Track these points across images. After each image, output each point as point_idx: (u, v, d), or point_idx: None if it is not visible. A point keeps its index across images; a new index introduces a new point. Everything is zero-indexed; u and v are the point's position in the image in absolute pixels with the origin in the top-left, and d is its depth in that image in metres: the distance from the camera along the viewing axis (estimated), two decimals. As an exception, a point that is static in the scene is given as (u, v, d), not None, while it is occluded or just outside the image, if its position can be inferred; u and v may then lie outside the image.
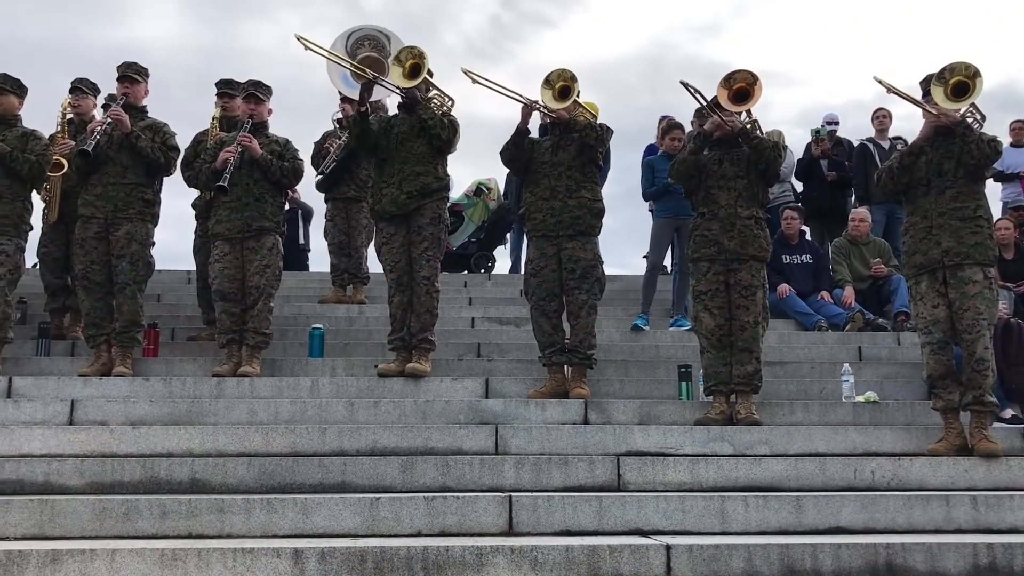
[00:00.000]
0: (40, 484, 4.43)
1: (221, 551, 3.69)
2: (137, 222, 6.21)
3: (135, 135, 6.18)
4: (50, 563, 3.59)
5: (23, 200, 6.16)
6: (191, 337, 7.20)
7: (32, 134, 6.23)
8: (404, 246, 5.95)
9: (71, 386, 5.69)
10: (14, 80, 6.31)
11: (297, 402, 5.46)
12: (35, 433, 4.88)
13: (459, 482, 4.60)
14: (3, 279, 5.95)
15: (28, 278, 7.86)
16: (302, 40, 6.20)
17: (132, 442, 4.88)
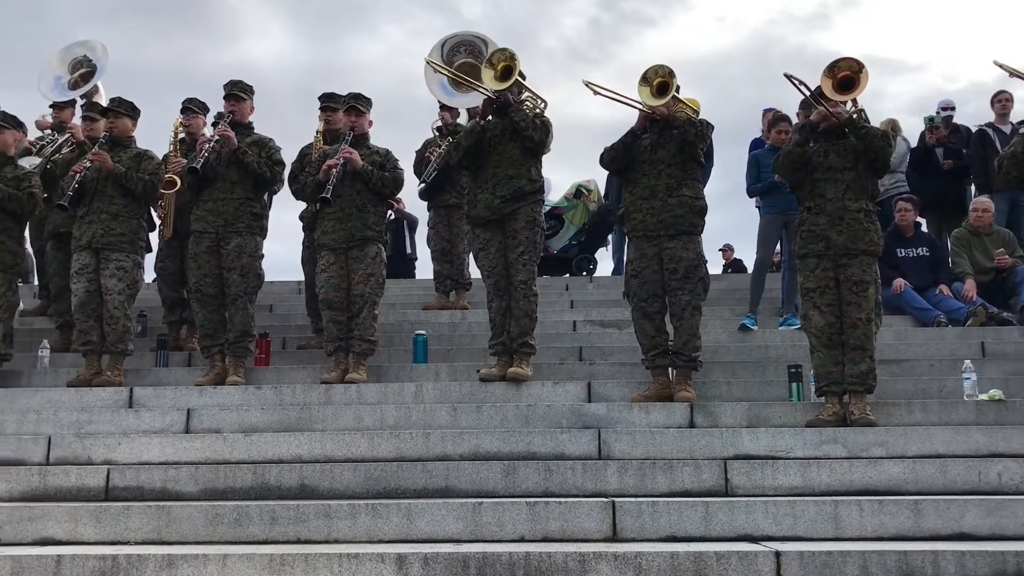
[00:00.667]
0: (158, 491, 4.60)
1: (327, 556, 3.74)
2: (246, 235, 6.40)
3: (242, 151, 6.37)
4: (167, 567, 3.72)
5: (139, 218, 6.46)
6: (301, 346, 7.38)
7: (145, 154, 6.52)
8: (500, 251, 5.95)
9: (188, 395, 5.89)
10: (128, 103, 6.61)
11: (402, 407, 5.52)
12: (154, 441, 5.07)
13: (562, 487, 4.56)
14: (122, 294, 6.24)
15: (147, 292, 8.23)
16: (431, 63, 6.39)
17: (244, 449, 5.02)
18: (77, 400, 5.88)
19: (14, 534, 4.18)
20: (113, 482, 4.64)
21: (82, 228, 6.32)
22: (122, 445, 5.04)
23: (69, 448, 5.05)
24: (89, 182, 6.33)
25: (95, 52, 8.07)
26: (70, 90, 7.99)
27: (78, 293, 6.26)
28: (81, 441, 5.08)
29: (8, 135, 6.68)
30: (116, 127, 6.53)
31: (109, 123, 6.57)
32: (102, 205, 6.31)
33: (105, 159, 6.29)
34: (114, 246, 6.27)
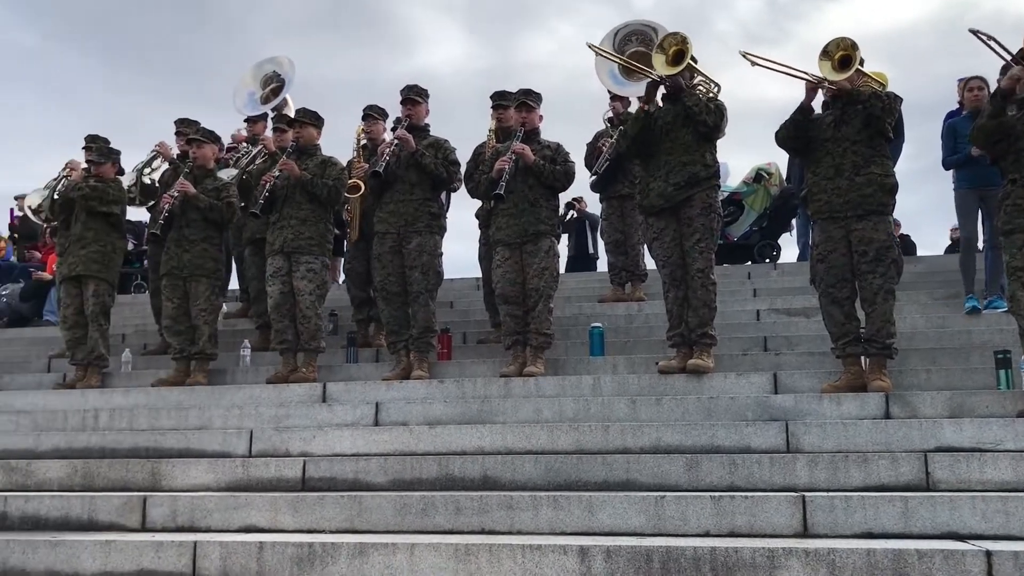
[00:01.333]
0: (350, 481, 4.80)
1: (511, 547, 3.78)
2: (426, 234, 6.57)
3: (420, 153, 6.55)
4: (359, 555, 3.87)
5: (326, 222, 6.77)
6: (480, 340, 7.51)
7: (329, 161, 6.83)
8: (675, 239, 5.82)
9: (376, 390, 6.12)
10: (312, 113, 6.95)
11: (580, 400, 5.50)
12: (345, 434, 5.29)
13: (748, 481, 4.41)
14: (313, 294, 6.57)
15: (338, 292, 8.63)
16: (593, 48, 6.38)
17: (429, 441, 5.15)
18: (275, 396, 6.22)
19: (222, 521, 4.48)
20: (309, 473, 4.87)
21: (274, 233, 6.70)
22: (316, 438, 5.29)
23: (269, 441, 5.35)
24: (279, 190, 6.70)
25: (283, 67, 8.52)
26: (262, 104, 8.47)
27: (273, 295, 6.64)
28: (279, 434, 5.37)
29: (207, 149, 7.18)
30: (302, 136, 6.87)
31: (296, 133, 6.93)
32: (291, 211, 6.66)
33: (292, 167, 6.63)
34: (303, 249, 6.60)
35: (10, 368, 8.10)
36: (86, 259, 7.07)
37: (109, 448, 5.56)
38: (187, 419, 5.89)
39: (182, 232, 6.91)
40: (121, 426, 5.94)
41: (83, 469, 5.15)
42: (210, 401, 6.23)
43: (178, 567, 4.00)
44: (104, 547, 4.12)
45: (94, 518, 4.63)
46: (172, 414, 5.97)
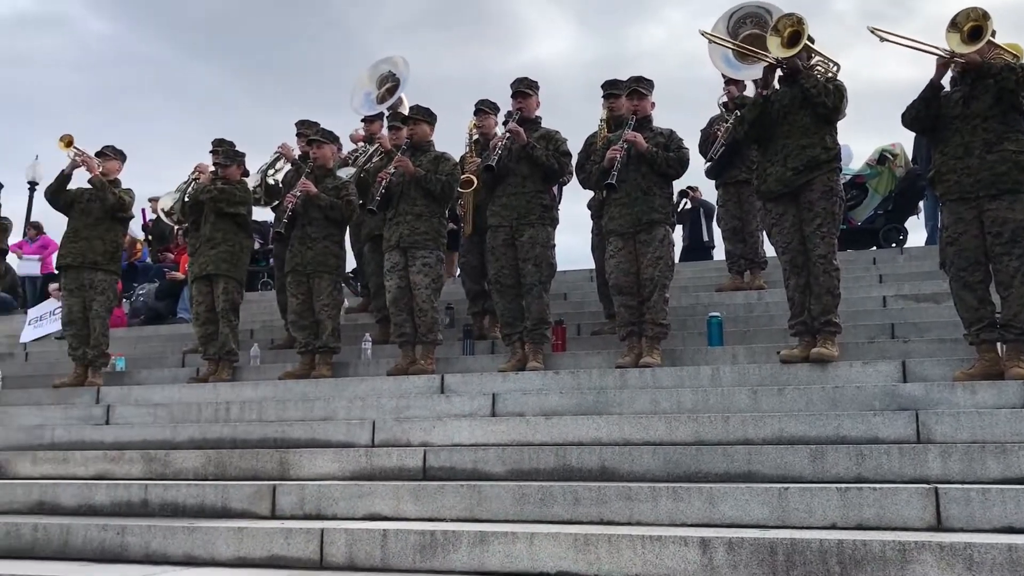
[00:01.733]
0: (469, 471, 4.86)
1: (630, 538, 3.76)
2: (538, 227, 6.59)
3: (531, 146, 6.57)
4: (479, 543, 3.92)
5: (439, 217, 6.88)
6: (595, 331, 7.49)
7: (442, 156, 6.93)
8: (795, 225, 5.65)
9: (492, 381, 6.17)
10: (425, 110, 7.06)
11: (699, 391, 5.42)
12: (463, 424, 5.36)
13: (876, 473, 4.25)
14: (428, 288, 6.68)
15: (454, 285, 8.75)
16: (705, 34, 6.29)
17: (546, 432, 5.17)
18: (396, 387, 6.36)
19: (347, 509, 4.61)
20: (429, 463, 4.96)
21: (391, 229, 6.84)
22: (436, 428, 5.38)
23: (390, 431, 5.47)
24: (395, 186, 6.83)
25: (398, 67, 8.69)
26: (378, 104, 8.66)
27: (391, 289, 6.78)
28: (400, 425, 5.49)
29: (327, 149, 7.39)
30: (416, 133, 6.99)
31: (409, 130, 7.05)
32: (407, 207, 6.79)
33: (407, 164, 6.76)
34: (419, 244, 6.72)
35: (147, 363, 8.55)
36: (215, 259, 7.39)
37: (240, 439, 5.79)
38: (313, 410, 6.08)
39: (305, 230, 7.13)
40: (251, 418, 6.18)
41: (216, 459, 5.38)
42: (334, 393, 6.42)
43: (306, 553, 4.14)
44: (237, 534, 4.30)
45: (227, 506, 4.83)
46: (298, 406, 6.17)
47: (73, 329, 7.66)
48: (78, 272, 7.65)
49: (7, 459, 5.88)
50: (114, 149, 8.04)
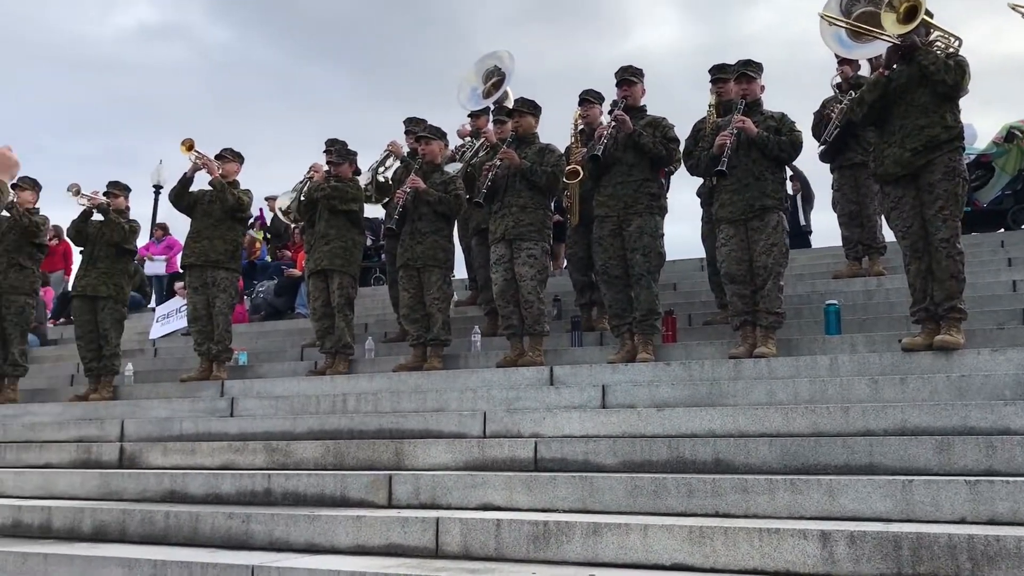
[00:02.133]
0: (580, 463, 4.86)
1: (747, 530, 3.68)
2: (646, 216, 6.52)
3: (637, 133, 6.50)
4: (592, 534, 3.91)
5: (544, 209, 6.89)
6: (707, 321, 7.37)
7: (547, 148, 6.94)
8: (915, 208, 5.42)
9: (602, 373, 6.15)
10: (530, 102, 7.08)
11: (816, 381, 5.26)
12: (573, 416, 5.36)
13: (1008, 465, 4.04)
14: (534, 279, 6.70)
15: (561, 277, 8.76)
16: (826, 17, 6.12)
17: (658, 424, 5.11)
18: (505, 379, 6.41)
19: (461, 499, 4.67)
20: (540, 454, 4.98)
21: (496, 222, 6.89)
22: (546, 420, 5.39)
23: (501, 423, 5.51)
24: (500, 179, 6.88)
25: (503, 61, 8.72)
26: (484, 99, 8.71)
27: (497, 282, 6.83)
28: (511, 416, 5.53)
29: (435, 145, 7.50)
30: (521, 125, 7.02)
31: (515, 122, 7.08)
32: (512, 199, 6.82)
33: (512, 156, 6.79)
34: (524, 236, 6.75)
35: (268, 357, 8.86)
36: (330, 255, 7.58)
37: (357, 429, 5.93)
38: (426, 402, 6.19)
39: (415, 225, 7.25)
40: (367, 409, 6.33)
41: (335, 449, 5.53)
42: (446, 385, 6.51)
43: (422, 542, 4.21)
44: (356, 523, 4.41)
45: (346, 495, 4.96)
46: (412, 397, 6.28)
47: (198, 326, 7.99)
48: (201, 271, 7.97)
49: (140, 450, 6.19)
50: (232, 151, 8.34)
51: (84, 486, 5.74)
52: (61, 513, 5.19)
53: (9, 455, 6.66)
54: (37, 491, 5.88)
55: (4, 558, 4.63)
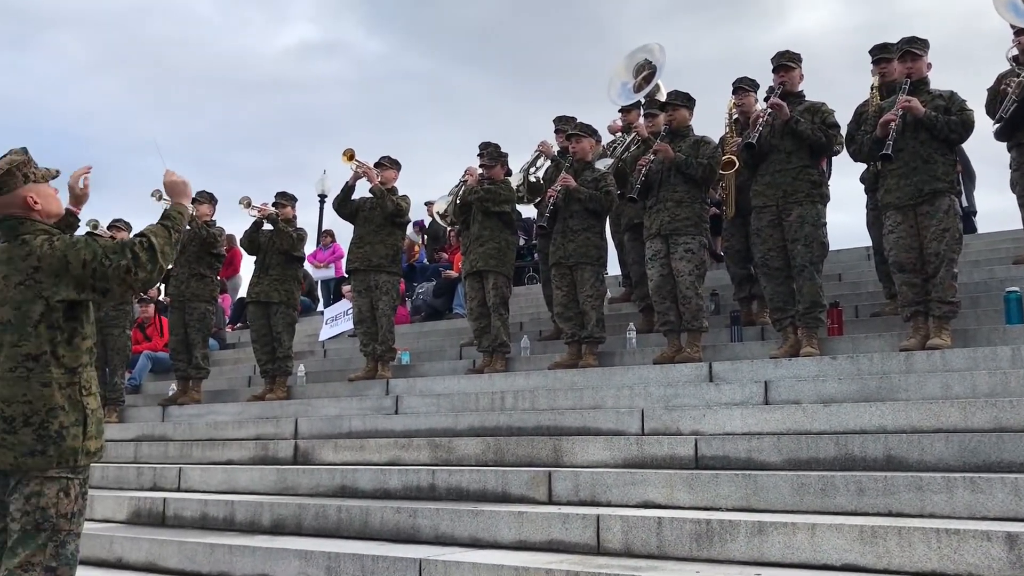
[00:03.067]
0: (743, 460, 4.75)
1: (923, 531, 3.51)
2: (807, 204, 6.29)
3: (795, 120, 6.29)
4: (757, 533, 3.82)
5: (700, 202, 6.79)
6: (875, 313, 7.05)
7: (702, 140, 6.83)
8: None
9: (764, 368, 5.98)
10: (683, 95, 6.98)
11: (996, 374, 4.94)
12: (735, 413, 5.24)
13: None
14: (692, 274, 6.60)
15: (718, 272, 8.59)
16: None
17: (825, 420, 4.93)
18: (663, 376, 6.34)
19: (621, 496, 4.65)
20: (701, 451, 4.90)
21: (651, 217, 6.82)
22: (706, 417, 5.29)
23: (660, 420, 5.46)
24: (654, 174, 6.80)
25: (654, 54, 8.62)
26: (635, 93, 8.63)
27: (653, 278, 6.76)
28: (669, 413, 5.46)
29: (586, 143, 7.51)
30: (674, 119, 6.93)
31: (668, 116, 6.99)
32: (667, 193, 6.74)
33: (667, 150, 6.71)
34: (680, 230, 6.65)
35: (428, 356, 9.11)
36: (484, 256, 7.72)
37: (516, 427, 6.01)
38: (582, 399, 6.20)
39: (566, 223, 7.28)
40: (524, 406, 6.41)
41: (495, 446, 5.63)
42: (602, 382, 6.50)
43: (583, 539, 4.23)
44: (517, 518, 4.47)
45: (507, 491, 5.04)
46: (568, 395, 6.31)
47: (363, 327, 8.31)
48: (365, 275, 8.29)
49: (312, 447, 6.50)
50: (390, 159, 8.62)
51: (263, 481, 6.08)
52: (243, 507, 5.51)
53: (196, 452, 7.14)
54: (221, 486, 6.28)
55: (194, 549, 4.96)
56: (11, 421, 3.28)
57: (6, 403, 3.30)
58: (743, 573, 3.57)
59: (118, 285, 3.40)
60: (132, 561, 5.20)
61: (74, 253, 3.35)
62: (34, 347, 3.32)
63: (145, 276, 3.43)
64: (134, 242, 3.45)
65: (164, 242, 3.49)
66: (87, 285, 3.37)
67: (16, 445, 3.28)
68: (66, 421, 3.33)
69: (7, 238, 3.45)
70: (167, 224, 3.55)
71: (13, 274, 3.35)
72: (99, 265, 3.34)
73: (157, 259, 3.45)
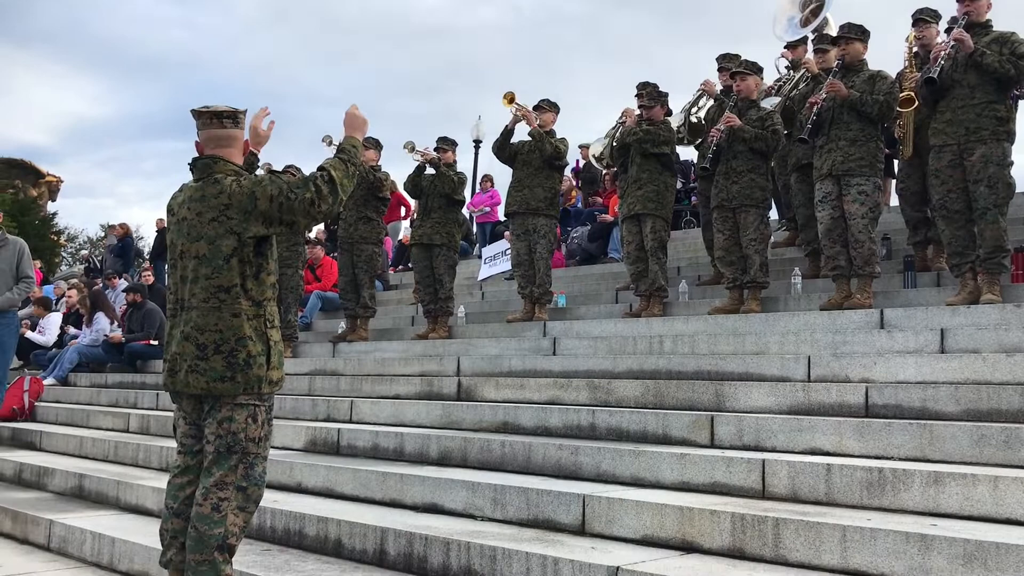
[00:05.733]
0: (917, 409, 4.57)
1: (1121, 489, 3.30)
2: (992, 143, 5.91)
3: (979, 52, 5.88)
4: (933, 484, 3.69)
5: (876, 141, 6.45)
6: (1066, 259, 6.57)
7: (878, 75, 6.48)
8: None
9: (939, 315, 5.71)
10: (857, 27, 6.64)
11: None
12: (908, 361, 5.03)
13: None
14: (865, 217, 6.32)
15: (891, 215, 8.20)
16: None
17: (1007, 370, 4.67)
18: (830, 322, 6.15)
19: (786, 442, 4.58)
20: (872, 400, 4.75)
21: (822, 157, 6.55)
22: (877, 364, 5.11)
23: (827, 367, 5.31)
24: (825, 112, 6.52)
25: (823, -14, 8.22)
26: (802, 28, 8.28)
27: (823, 220, 6.52)
28: (838, 360, 5.30)
29: (751, 80, 7.26)
30: (848, 53, 6.60)
31: (841, 50, 6.67)
32: (839, 132, 6.45)
33: (839, 87, 6.41)
34: (854, 171, 6.36)
35: (584, 300, 9.17)
36: (643, 199, 7.65)
37: (675, 371, 5.99)
38: (744, 345, 6.10)
39: (729, 164, 7.10)
40: (684, 351, 6.36)
41: (654, 388, 5.64)
42: (765, 328, 6.38)
43: (748, 483, 4.20)
44: (680, 460, 4.48)
45: (667, 433, 5.05)
46: (730, 340, 6.23)
47: (521, 270, 8.43)
48: (523, 218, 8.37)
49: (475, 384, 6.69)
50: (549, 102, 8.62)
51: (428, 415, 6.33)
52: (411, 439, 5.76)
53: (365, 387, 7.49)
54: (390, 419, 6.57)
55: (367, 476, 5.24)
56: (204, 348, 3.55)
57: (200, 331, 3.56)
58: (918, 523, 3.46)
59: (303, 216, 3.60)
60: (310, 486, 5.54)
61: (261, 189, 3.56)
62: (226, 280, 3.56)
63: (327, 207, 3.62)
64: (315, 176, 3.63)
65: (343, 174, 3.66)
66: (275, 218, 3.58)
67: (208, 371, 3.54)
68: (253, 351, 3.57)
69: (201, 176, 3.70)
70: (343, 157, 3.72)
71: (207, 211, 3.60)
72: (285, 199, 3.54)
73: (337, 190, 3.63)
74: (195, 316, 3.58)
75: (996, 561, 3.04)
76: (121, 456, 7.21)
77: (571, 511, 4.24)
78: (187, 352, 3.57)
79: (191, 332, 3.57)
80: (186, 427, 3.74)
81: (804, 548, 3.49)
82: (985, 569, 3.06)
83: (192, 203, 3.64)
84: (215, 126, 3.70)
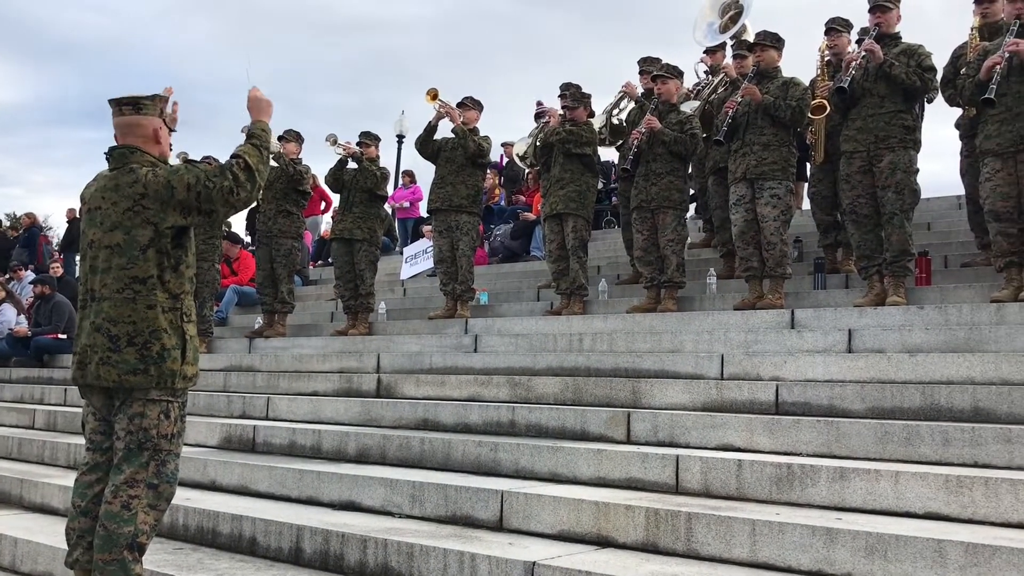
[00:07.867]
0: (825, 407, 4.72)
1: (1011, 482, 3.48)
2: (899, 150, 6.13)
3: (888, 63, 6.10)
4: (839, 479, 3.82)
5: (788, 146, 6.66)
6: (965, 263, 6.89)
7: (791, 81, 6.68)
8: None
9: (847, 316, 5.90)
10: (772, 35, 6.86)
11: (1095, 328, 4.81)
12: (817, 360, 5.20)
13: None
14: (777, 220, 6.50)
15: (802, 218, 8.44)
16: None
17: (910, 370, 4.87)
18: (743, 322, 6.31)
19: (700, 438, 4.69)
20: (782, 397, 4.89)
21: (737, 161, 6.72)
22: (788, 363, 5.27)
23: (739, 365, 5.45)
24: (741, 116, 6.68)
25: (741, -7, 8.41)
26: (720, 34, 8.46)
27: (737, 223, 6.69)
28: (750, 359, 5.45)
29: (672, 84, 7.39)
30: (763, 59, 6.78)
31: (756, 56, 6.84)
32: (754, 136, 6.62)
33: (754, 91, 6.57)
34: (767, 175, 6.54)
35: (506, 298, 9.20)
36: (565, 198, 7.72)
37: (594, 368, 6.07)
38: (661, 343, 6.22)
39: (649, 166, 7.21)
40: (602, 348, 6.45)
41: (573, 386, 5.70)
42: (681, 327, 6.50)
43: (662, 478, 4.28)
44: (597, 455, 4.55)
45: (585, 429, 5.12)
46: (647, 338, 6.34)
47: (443, 267, 8.42)
48: (446, 215, 8.37)
49: (395, 381, 6.66)
50: (472, 99, 8.63)
51: (347, 413, 6.28)
52: (329, 436, 5.71)
53: (282, 383, 7.39)
54: (307, 416, 6.50)
55: (284, 474, 5.17)
56: (116, 340, 3.46)
57: (112, 323, 3.48)
58: (824, 516, 3.58)
59: (222, 205, 3.54)
60: (225, 484, 5.45)
61: (178, 179, 3.49)
62: (142, 270, 3.48)
63: (246, 195, 3.57)
64: (231, 164, 3.58)
65: (257, 160, 3.62)
66: (193, 208, 3.51)
67: (120, 363, 3.46)
68: (168, 344, 3.50)
69: (116, 165, 3.61)
70: (255, 142, 3.67)
71: (121, 200, 3.51)
72: (203, 188, 3.48)
73: (255, 176, 3.59)
74: (107, 307, 3.49)
75: (895, 553, 3.18)
76: (25, 454, 6.97)
77: (489, 507, 4.26)
78: (98, 344, 3.48)
79: (102, 323, 3.48)
80: (95, 423, 3.64)
81: (715, 542, 3.58)
82: (885, 560, 3.19)
83: (106, 192, 3.55)
84: (118, 114, 3.63)
